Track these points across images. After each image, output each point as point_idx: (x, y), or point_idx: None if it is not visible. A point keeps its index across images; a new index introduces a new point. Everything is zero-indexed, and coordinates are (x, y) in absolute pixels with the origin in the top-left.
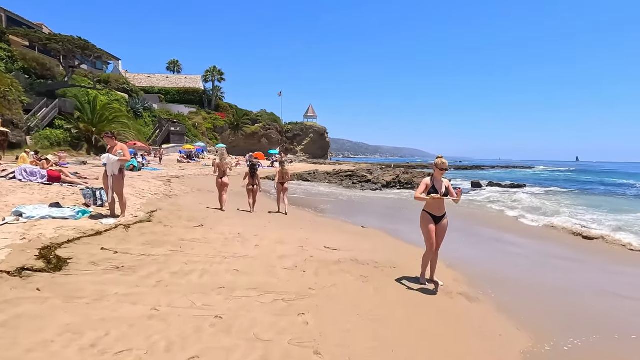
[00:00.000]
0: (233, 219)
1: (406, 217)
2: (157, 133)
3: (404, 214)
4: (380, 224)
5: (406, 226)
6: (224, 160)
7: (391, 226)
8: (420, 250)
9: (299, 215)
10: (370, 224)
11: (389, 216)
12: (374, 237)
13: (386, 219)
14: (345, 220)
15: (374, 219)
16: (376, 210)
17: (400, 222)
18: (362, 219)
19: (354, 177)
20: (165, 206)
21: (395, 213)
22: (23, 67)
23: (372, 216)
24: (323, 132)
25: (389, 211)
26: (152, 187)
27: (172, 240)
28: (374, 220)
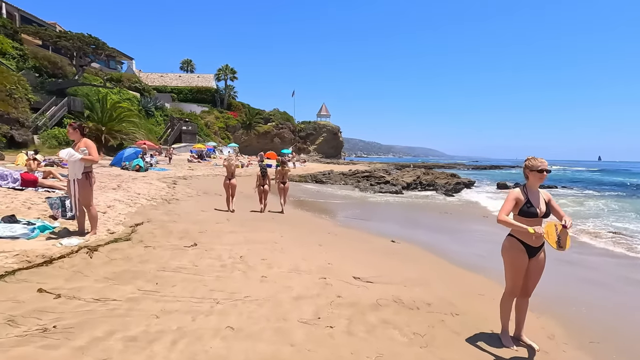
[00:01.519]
0: (237, 232)
1: (440, 226)
2: (168, 132)
3: (434, 221)
4: (412, 235)
5: (443, 237)
6: (231, 161)
7: (425, 238)
8: (479, 278)
9: (316, 225)
10: (400, 234)
11: (418, 224)
12: (411, 257)
13: (417, 228)
14: (370, 230)
15: (403, 227)
16: (402, 217)
17: (435, 232)
18: (389, 228)
19: (372, 177)
20: (157, 215)
21: (424, 220)
22: (34, 66)
23: (399, 224)
24: (336, 131)
25: (417, 217)
26: (151, 190)
27: (149, 271)
28: (402, 230)
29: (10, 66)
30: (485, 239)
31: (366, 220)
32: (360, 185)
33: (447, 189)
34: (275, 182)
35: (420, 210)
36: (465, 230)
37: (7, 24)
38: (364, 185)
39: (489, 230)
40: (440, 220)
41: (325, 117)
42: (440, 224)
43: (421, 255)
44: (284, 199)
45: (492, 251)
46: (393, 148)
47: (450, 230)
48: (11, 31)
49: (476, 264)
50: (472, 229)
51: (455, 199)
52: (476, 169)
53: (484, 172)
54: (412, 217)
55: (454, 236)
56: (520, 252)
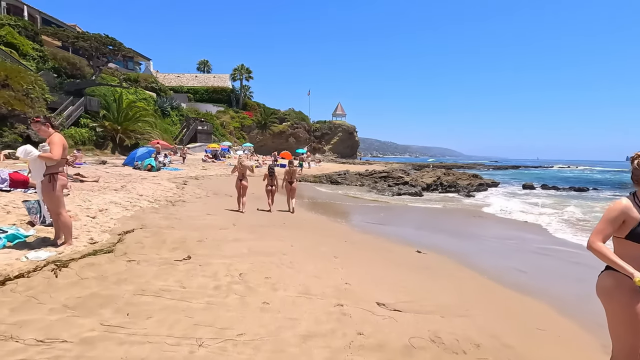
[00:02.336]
0: (241, 240)
1: (467, 232)
2: (184, 132)
3: (460, 226)
4: (438, 243)
5: (473, 246)
6: (242, 162)
7: (453, 247)
8: (530, 303)
9: (331, 231)
10: (424, 242)
11: (443, 230)
12: (442, 272)
13: (442, 235)
14: (391, 237)
15: (426, 234)
16: (424, 221)
17: (463, 239)
18: (411, 234)
19: (389, 178)
20: (155, 220)
21: (448, 225)
22: (54, 67)
23: (422, 230)
24: (352, 131)
25: (441, 222)
26: (157, 191)
27: (123, 295)
28: (427, 237)
29: (30, 67)
30: (521, 248)
31: (385, 225)
32: (377, 186)
33: (470, 190)
34: (282, 182)
35: (444, 214)
36: (496, 238)
37: (28, 26)
38: (381, 187)
39: (523, 237)
40: (467, 226)
41: (341, 117)
42: (467, 229)
43: (453, 269)
44: (292, 198)
45: (534, 265)
46: (409, 148)
47: (480, 237)
48: (32, 33)
49: (520, 283)
50: (503, 235)
51: (479, 201)
52: (497, 169)
53: (505, 173)
54: (436, 222)
55: (485, 245)
56: (635, 295)
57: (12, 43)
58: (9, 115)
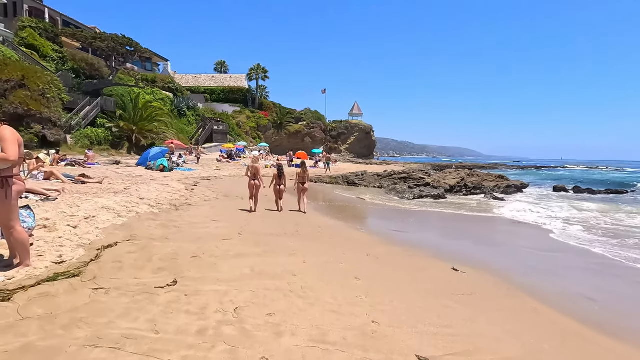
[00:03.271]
0: (244, 256)
1: (506, 243)
2: (200, 132)
3: (496, 235)
4: (476, 257)
5: (519, 262)
6: (255, 163)
7: (495, 262)
8: (622, 350)
9: (350, 241)
10: (460, 256)
11: (477, 239)
12: (493, 301)
13: (478, 245)
14: (420, 248)
15: (460, 244)
16: (454, 229)
17: (503, 253)
18: (443, 245)
19: (410, 179)
20: (149, 229)
21: (482, 233)
22: (73, 68)
23: (453, 239)
24: (369, 131)
25: (472, 230)
26: (162, 193)
27: (67, 348)
28: (461, 248)
29: (50, 68)
30: (575, 264)
31: (410, 232)
32: (397, 187)
33: (497, 192)
34: (294, 183)
35: (473, 221)
36: (540, 250)
37: (49, 28)
38: (401, 188)
39: (572, 249)
40: (502, 234)
41: (358, 116)
42: (504, 239)
43: (503, 295)
44: (304, 199)
45: (601, 289)
46: (427, 148)
47: (520, 249)
48: (52, 35)
49: (594, 317)
50: (547, 247)
51: (510, 206)
52: (520, 169)
53: (530, 173)
54: (465, 229)
55: (529, 259)
56: None
57: (33, 45)
58: (25, 115)
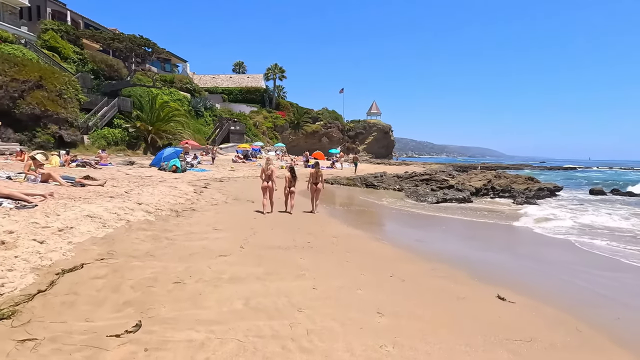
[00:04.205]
0: (239, 280)
1: (555, 262)
2: (217, 132)
3: (540, 251)
4: (522, 279)
5: (584, 289)
6: (268, 165)
7: (549, 286)
8: None
9: (370, 256)
10: (502, 278)
11: (516, 254)
12: (567, 355)
13: (519, 261)
14: (452, 267)
15: (499, 259)
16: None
17: (558, 274)
18: (477, 260)
19: (432, 181)
20: (132, 244)
21: (521, 247)
22: (92, 69)
23: (490, 252)
24: (387, 130)
25: (507, 239)
26: (167, 197)
27: None
28: (500, 265)
29: (71, 69)
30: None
31: (438, 243)
32: (418, 190)
33: (528, 196)
34: (307, 184)
35: (508, 232)
36: (600, 271)
37: (70, 30)
38: (423, 191)
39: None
40: (546, 249)
41: (376, 116)
42: (550, 255)
43: (581, 345)
44: (316, 200)
45: None
46: (446, 148)
47: (576, 270)
48: (73, 37)
49: None
50: (607, 267)
51: (546, 212)
52: (548, 170)
53: (559, 174)
54: (502, 242)
55: (594, 284)
56: None
57: (54, 47)
58: (42, 115)
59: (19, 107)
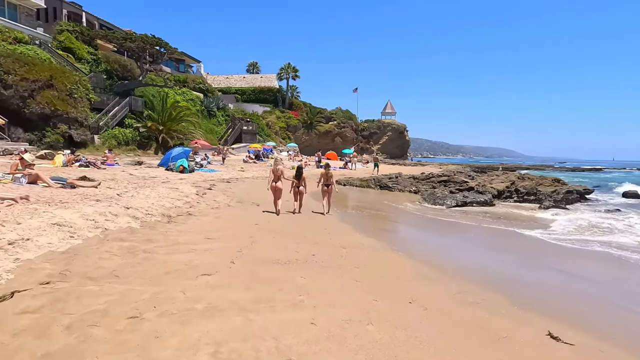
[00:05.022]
0: (217, 313)
1: (606, 280)
2: (229, 132)
3: (585, 266)
4: (580, 311)
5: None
6: (277, 165)
7: (614, 319)
8: None
9: (386, 275)
10: (552, 307)
11: (562, 272)
12: None
13: (571, 283)
14: (487, 290)
15: (538, 276)
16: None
17: (615, 302)
18: (516, 279)
19: (450, 183)
20: (99, 260)
21: (566, 264)
22: (106, 69)
23: (527, 270)
24: (402, 130)
25: (549, 258)
26: (163, 200)
27: None
28: (541, 283)
29: (84, 70)
30: None
31: (463, 256)
32: (436, 192)
33: (556, 199)
34: (317, 185)
35: (541, 242)
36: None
37: (85, 31)
38: (441, 193)
39: None
40: (593, 264)
41: (391, 115)
42: (600, 273)
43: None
44: (327, 201)
45: None
46: (462, 148)
47: (636, 292)
48: (88, 38)
49: None
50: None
51: (580, 218)
52: (571, 171)
53: (584, 176)
54: (536, 252)
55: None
56: None
57: (69, 47)
58: (52, 115)
59: (28, 107)
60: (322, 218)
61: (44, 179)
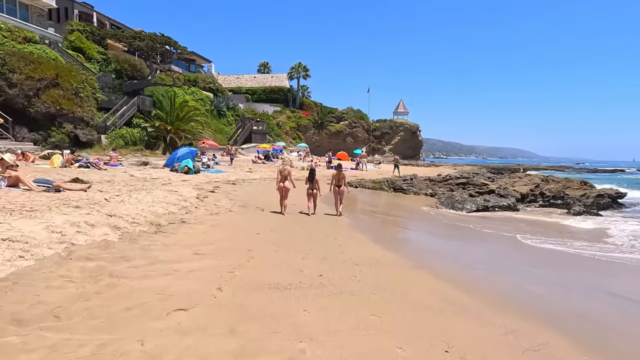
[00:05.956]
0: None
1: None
2: (239, 132)
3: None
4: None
5: None
6: (285, 165)
7: None
8: None
9: (413, 308)
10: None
11: (632, 300)
12: None
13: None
14: (543, 327)
15: (611, 311)
16: (570, 271)
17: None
18: (581, 311)
19: (469, 185)
20: (45, 292)
21: (628, 284)
22: (115, 69)
23: (582, 296)
24: (415, 130)
25: (604, 278)
26: (157, 205)
27: None
28: (605, 314)
29: (94, 69)
30: None
31: (500, 275)
32: (455, 195)
33: (586, 204)
34: (330, 186)
35: (583, 258)
36: None
37: (95, 31)
38: (460, 196)
39: None
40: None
41: (403, 115)
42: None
43: None
44: (340, 202)
45: None
46: (475, 148)
47: None
48: (98, 37)
49: None
50: None
51: (623, 228)
52: (593, 172)
53: (608, 177)
54: (587, 272)
55: None
56: None
57: (79, 47)
58: (58, 114)
59: (33, 106)
60: (332, 225)
61: (25, 182)
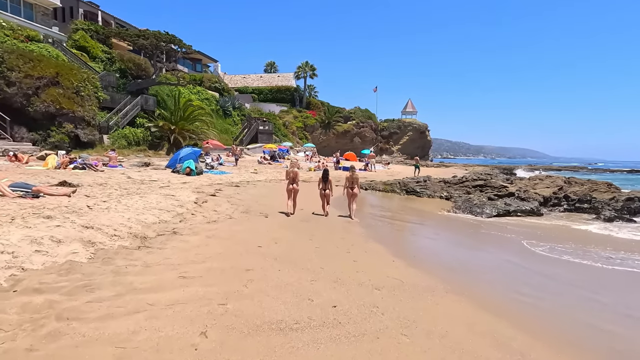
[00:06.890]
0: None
1: None
2: (244, 132)
3: None
4: None
5: None
6: (293, 167)
7: None
8: None
9: (440, 337)
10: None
11: None
12: None
13: None
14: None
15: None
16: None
17: None
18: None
19: (487, 188)
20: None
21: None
22: (120, 68)
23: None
24: (424, 130)
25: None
26: (147, 213)
27: None
28: None
29: (98, 69)
30: None
31: (548, 299)
32: (472, 199)
33: (616, 208)
34: (343, 189)
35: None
36: None
37: (100, 30)
38: (478, 200)
39: None
40: None
41: (411, 114)
42: None
43: None
44: (353, 204)
45: None
46: (483, 148)
47: None
48: (103, 36)
49: None
50: None
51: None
52: (609, 172)
53: (626, 178)
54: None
55: None
56: None
57: (84, 46)
58: (57, 113)
59: (33, 105)
60: (344, 234)
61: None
